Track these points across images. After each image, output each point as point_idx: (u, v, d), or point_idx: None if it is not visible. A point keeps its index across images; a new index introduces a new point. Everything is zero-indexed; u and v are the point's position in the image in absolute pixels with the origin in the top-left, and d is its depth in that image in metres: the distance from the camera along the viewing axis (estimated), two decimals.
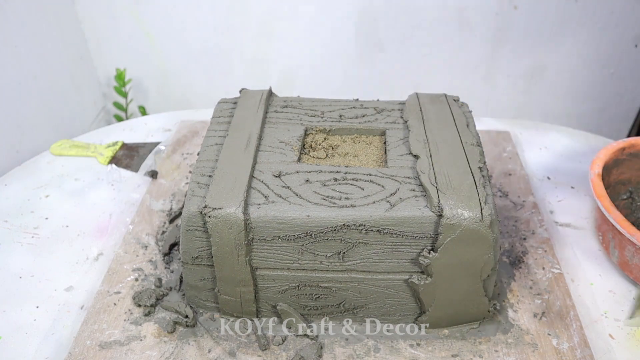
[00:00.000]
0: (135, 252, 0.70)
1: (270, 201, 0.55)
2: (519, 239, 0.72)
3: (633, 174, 0.76)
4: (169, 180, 0.83)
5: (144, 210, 0.77)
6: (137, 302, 0.63)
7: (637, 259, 0.63)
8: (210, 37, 1.21)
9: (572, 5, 1.11)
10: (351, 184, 0.57)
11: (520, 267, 0.68)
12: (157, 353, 0.58)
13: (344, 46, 1.21)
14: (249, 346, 0.59)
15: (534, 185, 0.83)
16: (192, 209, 0.55)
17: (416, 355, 0.58)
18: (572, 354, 0.57)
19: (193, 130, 0.95)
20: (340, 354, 0.58)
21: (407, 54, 1.21)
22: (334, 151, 0.63)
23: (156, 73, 1.28)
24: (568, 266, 0.69)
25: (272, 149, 0.62)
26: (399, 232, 0.53)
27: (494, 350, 0.58)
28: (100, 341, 0.59)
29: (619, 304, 0.65)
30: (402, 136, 0.64)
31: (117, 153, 0.90)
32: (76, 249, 0.72)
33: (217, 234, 0.54)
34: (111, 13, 1.18)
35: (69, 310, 0.64)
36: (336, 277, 0.57)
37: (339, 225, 0.53)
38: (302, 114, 0.68)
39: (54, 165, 0.88)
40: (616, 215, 0.63)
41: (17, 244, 0.73)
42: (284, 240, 0.55)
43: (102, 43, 1.22)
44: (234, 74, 1.27)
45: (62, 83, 1.10)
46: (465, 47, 1.19)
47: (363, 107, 0.70)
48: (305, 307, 0.60)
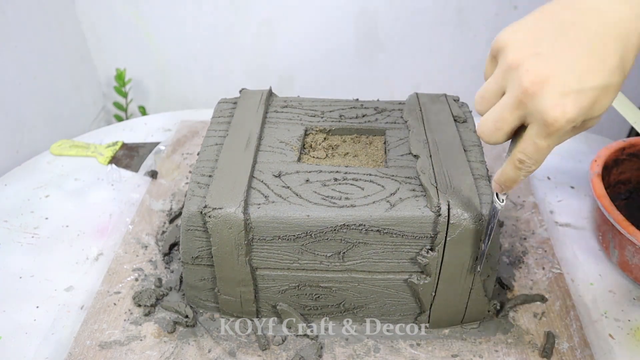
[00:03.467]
0: (135, 252, 0.70)
1: (270, 201, 0.55)
2: (519, 239, 0.72)
3: (633, 174, 0.76)
4: (169, 180, 0.83)
5: (144, 210, 0.77)
6: (137, 302, 0.63)
7: (637, 259, 0.63)
8: (210, 37, 1.21)
9: None
10: (351, 184, 0.57)
11: (520, 267, 0.68)
12: (157, 353, 0.58)
13: (344, 46, 1.21)
14: (249, 346, 0.59)
15: (534, 185, 0.83)
16: (192, 209, 0.55)
17: (416, 355, 0.58)
18: (572, 354, 0.57)
19: (193, 130, 0.95)
20: (340, 354, 0.58)
21: (407, 54, 1.21)
22: (334, 151, 0.63)
23: (156, 73, 1.28)
24: (568, 266, 0.69)
25: (272, 149, 0.62)
26: (399, 232, 0.53)
27: (494, 350, 0.58)
28: (100, 341, 0.59)
29: (619, 304, 0.65)
30: (402, 136, 0.64)
31: (117, 153, 0.90)
32: (76, 249, 0.72)
33: (217, 234, 0.54)
34: (111, 13, 1.18)
35: (69, 310, 0.64)
36: (336, 277, 0.57)
37: (339, 225, 0.53)
38: (302, 114, 0.68)
39: (54, 165, 0.88)
40: (616, 215, 0.63)
41: (17, 244, 0.73)
42: (284, 240, 0.55)
43: (102, 43, 1.22)
44: (234, 74, 1.27)
45: (62, 83, 1.10)
46: (465, 47, 1.19)
47: (363, 107, 0.70)
48: (305, 307, 0.60)
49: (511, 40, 0.39)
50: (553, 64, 0.36)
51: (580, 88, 0.36)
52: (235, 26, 1.19)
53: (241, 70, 1.26)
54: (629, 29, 0.37)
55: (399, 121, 0.67)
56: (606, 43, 0.36)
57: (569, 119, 0.36)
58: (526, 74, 0.37)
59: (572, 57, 0.36)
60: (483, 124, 0.41)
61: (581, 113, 0.37)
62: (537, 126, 0.38)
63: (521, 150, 0.40)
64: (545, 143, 0.39)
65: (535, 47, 0.37)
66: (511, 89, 0.38)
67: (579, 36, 0.37)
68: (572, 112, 0.36)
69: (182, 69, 1.27)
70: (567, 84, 0.36)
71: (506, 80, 0.39)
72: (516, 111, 0.38)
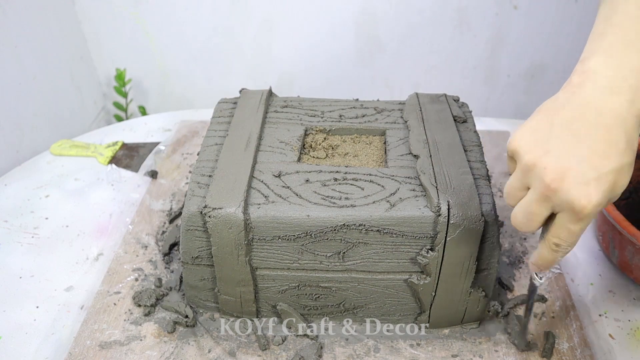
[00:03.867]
0: (135, 252, 0.70)
1: (270, 201, 0.55)
2: (519, 239, 0.72)
3: (633, 174, 0.76)
4: (169, 180, 0.83)
5: (144, 210, 0.77)
6: (137, 302, 0.63)
7: (637, 259, 0.63)
8: (210, 37, 1.21)
9: (572, 5, 1.11)
10: (351, 184, 0.57)
11: (520, 267, 0.68)
12: (157, 353, 0.58)
13: (344, 46, 1.21)
14: (249, 346, 0.59)
15: None
16: (192, 209, 0.55)
17: (416, 355, 0.58)
18: (572, 354, 0.57)
19: (193, 130, 0.95)
20: (340, 354, 0.58)
21: (407, 54, 1.21)
22: (334, 151, 0.63)
23: (156, 73, 1.28)
24: (568, 266, 0.69)
25: (272, 149, 0.62)
26: (399, 232, 0.53)
27: (494, 350, 0.58)
28: (100, 341, 0.59)
29: (619, 304, 0.65)
30: (402, 136, 0.64)
31: (117, 153, 0.90)
32: (76, 249, 0.72)
33: (217, 234, 0.54)
34: (111, 13, 1.18)
35: (69, 310, 0.64)
36: (336, 277, 0.57)
37: (339, 225, 0.53)
38: (302, 114, 0.68)
39: (54, 165, 0.88)
40: (616, 215, 0.63)
41: (17, 244, 0.73)
42: (284, 240, 0.55)
43: (102, 43, 1.22)
44: (234, 74, 1.27)
45: (62, 83, 1.10)
46: (465, 47, 1.19)
47: (363, 107, 0.70)
48: (305, 307, 0.60)
49: (521, 144, 0.42)
50: (567, 158, 0.39)
51: (598, 175, 0.39)
52: (235, 26, 1.19)
53: (241, 70, 1.26)
54: (626, 116, 0.40)
55: (399, 121, 0.67)
56: (608, 130, 0.39)
57: (596, 204, 0.39)
58: (545, 172, 0.40)
59: (582, 149, 0.39)
60: (515, 218, 0.44)
61: (605, 196, 0.39)
62: (567, 214, 0.41)
63: (556, 235, 0.43)
64: (578, 227, 0.41)
65: (544, 146, 0.40)
66: (535, 186, 0.41)
67: (581, 130, 0.40)
68: (597, 197, 0.39)
69: (182, 69, 1.27)
70: (585, 173, 0.39)
71: (528, 178, 0.42)
72: (544, 204, 0.41)
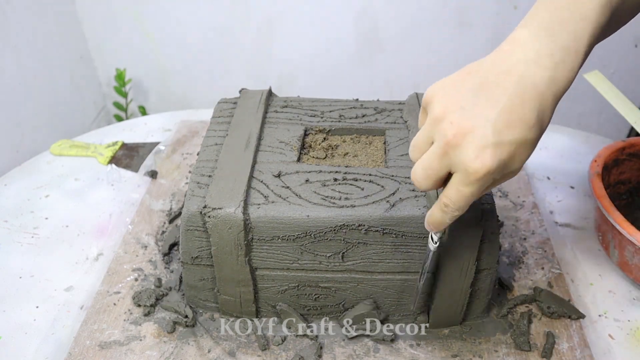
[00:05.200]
0: (135, 252, 0.70)
1: (270, 201, 0.55)
2: (519, 239, 0.72)
3: (633, 174, 0.76)
4: (169, 180, 0.83)
5: (144, 210, 0.77)
6: (137, 302, 0.63)
7: (637, 259, 0.63)
8: (210, 37, 1.21)
9: None
10: (351, 184, 0.57)
11: (520, 267, 0.68)
12: (157, 353, 0.58)
13: (344, 46, 1.21)
14: (249, 346, 0.59)
15: (533, 185, 0.83)
16: (192, 209, 0.55)
17: (416, 355, 0.58)
18: (572, 354, 0.57)
19: (193, 130, 0.95)
20: (340, 354, 0.58)
21: (407, 54, 1.21)
22: (333, 151, 0.63)
23: (156, 73, 1.28)
24: (568, 266, 0.69)
25: (272, 149, 0.62)
26: (398, 232, 0.53)
27: (494, 350, 0.58)
28: (100, 341, 0.59)
29: (619, 304, 0.65)
30: (402, 136, 0.64)
31: (117, 153, 0.90)
32: (76, 249, 0.72)
33: (217, 234, 0.54)
34: (111, 13, 1.18)
35: (69, 310, 0.64)
36: (336, 277, 0.57)
37: (338, 225, 0.53)
38: (302, 114, 0.68)
39: (54, 165, 0.88)
40: (616, 215, 0.63)
41: (17, 244, 0.73)
42: (284, 240, 0.55)
43: (102, 43, 1.22)
44: (234, 74, 1.27)
45: (62, 83, 1.10)
46: (465, 47, 1.19)
47: (363, 107, 0.70)
48: (305, 307, 0.60)
49: (438, 94, 0.41)
50: (474, 118, 0.39)
51: (498, 141, 0.38)
52: (235, 26, 1.19)
53: (241, 70, 1.26)
54: (544, 91, 0.39)
55: (399, 121, 0.67)
56: (524, 102, 0.39)
57: (488, 171, 0.38)
58: (450, 126, 0.39)
59: (492, 113, 0.38)
60: (414, 173, 0.42)
61: (500, 165, 0.39)
62: (460, 175, 0.40)
63: (446, 195, 0.42)
64: (468, 190, 0.40)
65: (459, 102, 0.40)
66: (437, 139, 0.41)
67: (499, 95, 0.39)
68: (491, 163, 0.38)
69: (182, 69, 1.27)
70: (486, 136, 0.38)
71: (433, 132, 0.41)
72: (442, 160, 0.40)
